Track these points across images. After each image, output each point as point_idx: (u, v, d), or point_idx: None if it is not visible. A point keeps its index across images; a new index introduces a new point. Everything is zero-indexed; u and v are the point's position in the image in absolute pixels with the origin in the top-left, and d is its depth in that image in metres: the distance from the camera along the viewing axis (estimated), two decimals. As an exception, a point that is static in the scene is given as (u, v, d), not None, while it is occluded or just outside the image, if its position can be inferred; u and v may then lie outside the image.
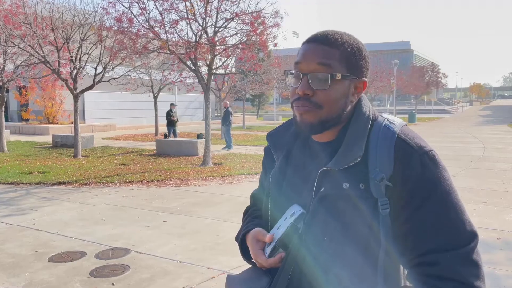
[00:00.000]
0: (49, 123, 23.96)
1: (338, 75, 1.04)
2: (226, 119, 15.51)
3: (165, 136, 16.11)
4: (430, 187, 0.99)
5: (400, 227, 1.00)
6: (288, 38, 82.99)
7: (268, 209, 1.20)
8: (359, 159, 1.03)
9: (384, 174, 1.00)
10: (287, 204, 1.13)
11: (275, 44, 11.38)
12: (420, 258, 0.99)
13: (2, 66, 13.60)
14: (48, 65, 12.21)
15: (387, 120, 1.08)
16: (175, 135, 17.13)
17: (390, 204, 1.00)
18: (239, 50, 11.21)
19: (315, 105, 1.05)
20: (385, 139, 1.03)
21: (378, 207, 1.00)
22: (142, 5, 10.07)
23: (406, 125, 1.09)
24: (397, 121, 1.08)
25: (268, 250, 1.09)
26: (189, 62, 10.61)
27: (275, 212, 1.17)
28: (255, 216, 1.30)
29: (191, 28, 10.35)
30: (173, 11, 10.13)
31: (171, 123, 17.11)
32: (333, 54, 1.05)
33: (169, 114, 17.14)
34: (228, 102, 16.98)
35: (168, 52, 10.52)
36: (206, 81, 10.84)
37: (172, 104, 17.53)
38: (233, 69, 18.29)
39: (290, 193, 1.14)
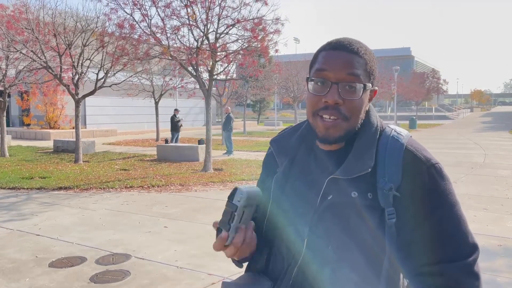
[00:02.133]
0: (50, 128, 24.01)
1: (369, 85, 1.06)
2: (227, 125, 15.53)
3: (166, 141, 16.13)
4: (437, 199, 1.01)
5: (405, 237, 1.02)
6: (289, 44, 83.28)
7: (266, 212, 1.17)
8: (369, 170, 1.03)
9: (392, 184, 1.01)
10: (289, 208, 1.12)
11: (276, 50, 11.43)
12: (424, 268, 1.00)
13: (4, 71, 13.65)
14: (50, 70, 12.26)
15: (395, 131, 1.10)
16: (177, 141, 17.16)
17: (396, 214, 1.01)
18: (240, 56, 11.26)
19: (343, 116, 1.05)
20: (394, 150, 1.05)
21: (384, 216, 1.01)
22: (144, 11, 10.14)
23: (411, 136, 1.10)
24: (404, 133, 1.10)
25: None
26: (190, 68, 10.64)
27: (276, 215, 1.15)
28: None
29: (193, 34, 10.40)
30: (174, 17, 10.20)
31: (176, 128, 17.13)
32: (360, 64, 1.05)
33: (173, 120, 17.16)
34: (229, 107, 17.01)
35: (170, 58, 10.57)
36: (207, 87, 10.87)
37: (176, 110, 17.62)
38: (234, 75, 18.35)
39: (293, 198, 1.13)
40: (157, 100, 21.18)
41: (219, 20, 10.24)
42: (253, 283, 1.13)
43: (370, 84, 1.07)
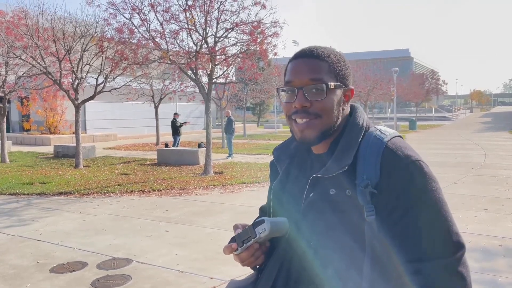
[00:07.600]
0: (51, 133, 24.02)
1: (332, 85, 1.09)
2: (229, 128, 15.55)
3: (166, 145, 16.14)
4: (414, 196, 1.00)
5: (384, 235, 1.01)
6: (288, 47, 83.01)
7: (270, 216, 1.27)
8: (346, 167, 1.06)
9: (369, 181, 1.02)
10: (284, 211, 1.19)
11: (275, 53, 11.46)
12: (403, 266, 0.99)
13: (4, 77, 13.67)
14: (50, 76, 12.28)
15: (379, 131, 1.11)
16: (178, 144, 17.15)
17: (376, 211, 1.01)
18: (239, 59, 11.29)
19: (314, 115, 1.09)
20: (373, 148, 1.06)
21: (363, 213, 1.02)
22: (143, 16, 10.17)
23: (399, 136, 1.11)
24: (388, 132, 1.11)
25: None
26: (189, 72, 10.66)
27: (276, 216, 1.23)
28: None
29: (192, 38, 10.43)
30: (173, 21, 10.23)
31: (177, 131, 17.13)
32: (322, 67, 1.11)
33: (174, 123, 17.17)
34: (230, 111, 17.03)
35: (169, 62, 10.59)
36: (206, 91, 10.89)
37: (175, 114, 17.64)
38: (234, 78, 18.36)
39: (288, 202, 1.19)
40: (156, 104, 21.20)
41: (217, 24, 10.28)
42: (247, 277, 1.23)
43: (338, 84, 1.11)
